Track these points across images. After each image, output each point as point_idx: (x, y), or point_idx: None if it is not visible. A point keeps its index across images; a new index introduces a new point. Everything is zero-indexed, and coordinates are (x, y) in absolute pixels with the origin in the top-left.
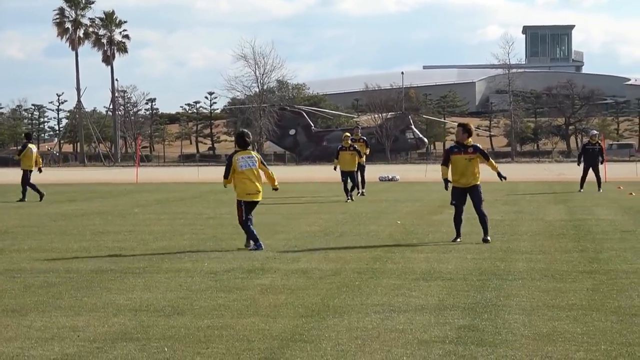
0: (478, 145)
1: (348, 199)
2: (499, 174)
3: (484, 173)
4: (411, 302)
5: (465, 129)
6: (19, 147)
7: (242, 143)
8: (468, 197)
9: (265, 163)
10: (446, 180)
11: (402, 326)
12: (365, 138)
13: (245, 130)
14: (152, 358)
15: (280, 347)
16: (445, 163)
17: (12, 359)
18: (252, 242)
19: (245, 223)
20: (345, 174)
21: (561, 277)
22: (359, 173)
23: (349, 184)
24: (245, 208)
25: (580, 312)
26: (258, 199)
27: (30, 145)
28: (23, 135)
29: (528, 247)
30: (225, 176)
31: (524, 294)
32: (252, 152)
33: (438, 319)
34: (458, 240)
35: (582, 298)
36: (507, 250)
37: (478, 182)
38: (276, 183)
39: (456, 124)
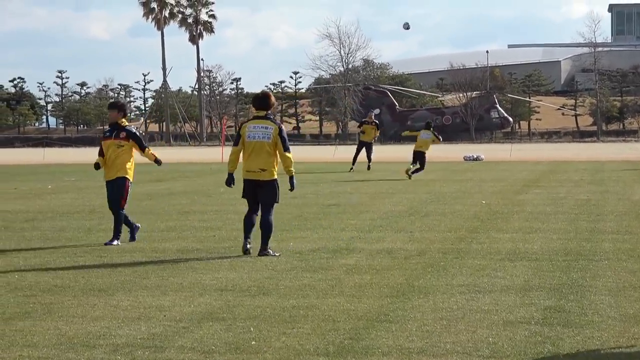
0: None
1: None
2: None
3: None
4: (496, 283)
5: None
6: None
7: None
8: None
9: None
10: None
11: (488, 307)
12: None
13: None
14: (237, 338)
15: (366, 328)
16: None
17: (99, 338)
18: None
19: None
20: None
21: None
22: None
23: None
24: None
25: None
26: None
27: None
28: None
29: (614, 227)
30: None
31: (610, 274)
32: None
33: (524, 300)
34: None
35: None
36: (593, 231)
37: None
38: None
39: (541, 103)
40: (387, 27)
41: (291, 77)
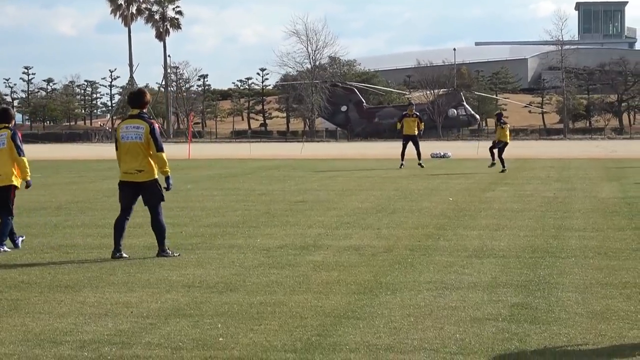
0: None
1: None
2: None
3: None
4: (464, 280)
5: None
6: None
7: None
8: None
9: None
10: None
11: (455, 303)
12: (418, 114)
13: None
14: (205, 334)
15: (333, 324)
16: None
17: (66, 335)
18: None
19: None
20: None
21: (614, 255)
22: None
23: None
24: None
25: (633, 290)
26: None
27: None
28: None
29: (581, 224)
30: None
31: (577, 271)
32: None
33: (491, 297)
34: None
35: (635, 276)
36: (560, 228)
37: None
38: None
39: (508, 100)
40: (356, 24)
41: (258, 73)
